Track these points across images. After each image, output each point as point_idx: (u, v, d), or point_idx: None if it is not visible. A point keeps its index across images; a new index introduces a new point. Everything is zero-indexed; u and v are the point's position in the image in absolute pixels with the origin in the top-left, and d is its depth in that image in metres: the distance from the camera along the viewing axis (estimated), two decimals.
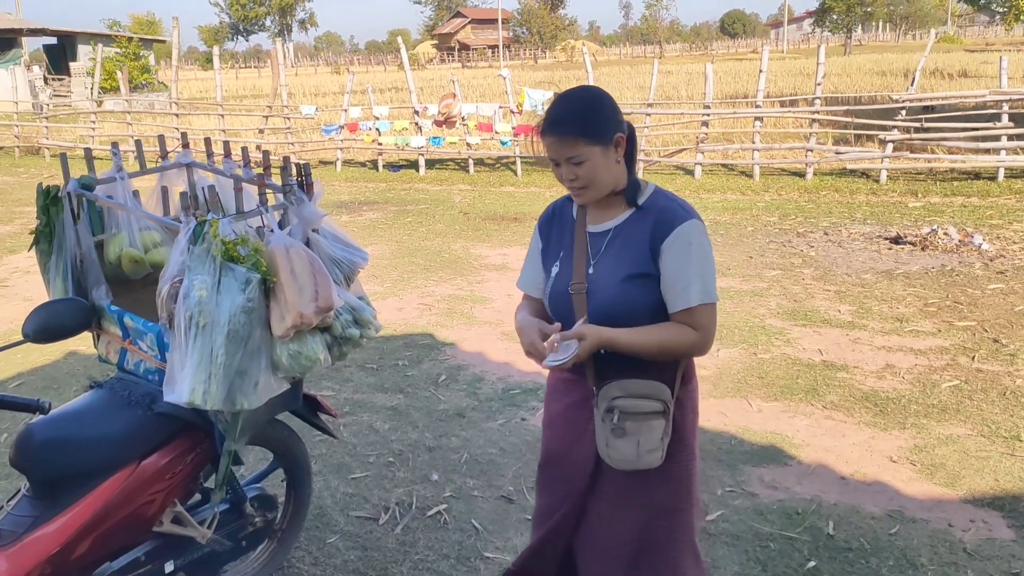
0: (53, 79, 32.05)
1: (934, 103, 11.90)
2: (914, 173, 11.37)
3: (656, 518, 2.20)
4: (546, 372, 2.44)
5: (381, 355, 5.45)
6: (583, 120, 2.02)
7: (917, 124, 11.11)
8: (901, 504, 3.53)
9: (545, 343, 2.06)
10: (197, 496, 2.80)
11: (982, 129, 10.85)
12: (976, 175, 10.96)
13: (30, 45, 36.06)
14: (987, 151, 10.79)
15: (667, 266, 2.06)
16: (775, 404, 4.57)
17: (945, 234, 7.94)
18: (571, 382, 2.25)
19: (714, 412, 4.48)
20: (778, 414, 4.45)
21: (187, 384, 2.28)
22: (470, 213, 10.56)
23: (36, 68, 32.80)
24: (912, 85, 11.37)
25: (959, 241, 7.76)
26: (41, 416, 2.38)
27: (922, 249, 7.69)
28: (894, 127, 11.24)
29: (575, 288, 2.13)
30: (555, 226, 2.29)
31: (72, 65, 32.03)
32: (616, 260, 2.11)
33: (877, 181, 11.15)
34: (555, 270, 2.22)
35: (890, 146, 11.21)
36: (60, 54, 35.78)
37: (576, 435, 2.24)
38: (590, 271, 2.14)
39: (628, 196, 2.13)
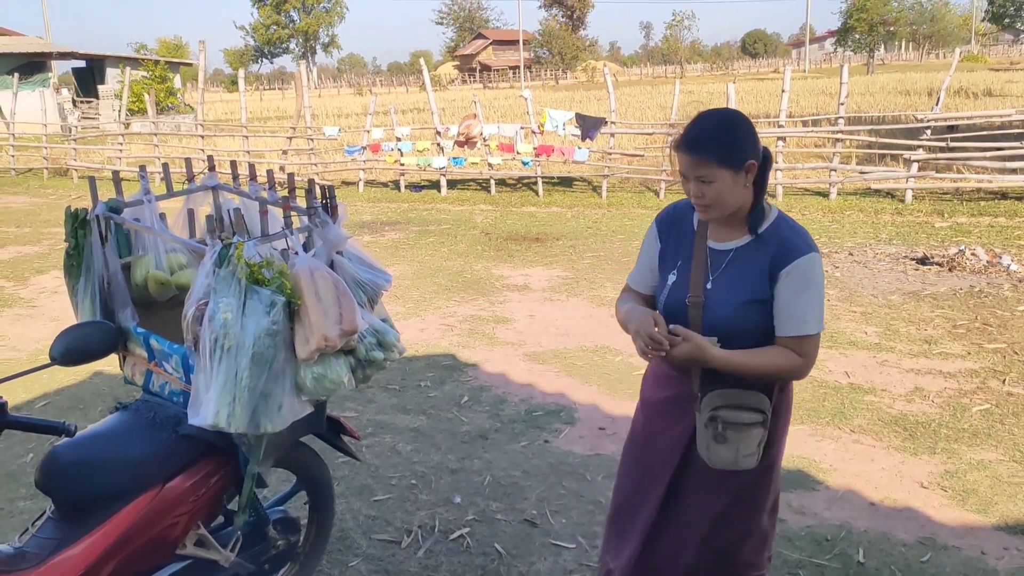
0: (81, 101, 32.58)
1: (959, 123, 11.80)
2: (940, 193, 11.26)
3: (735, 500, 2.32)
4: (571, 393, 2.44)
5: (403, 376, 5.45)
6: (718, 143, 2.09)
7: (942, 144, 11.02)
8: (933, 531, 3.46)
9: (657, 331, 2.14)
10: (220, 518, 2.80)
11: (1008, 149, 10.74)
12: (1003, 195, 10.83)
13: (59, 68, 36.75)
14: (1014, 171, 10.67)
15: (781, 293, 2.15)
16: (802, 428, 4.51)
17: (973, 254, 7.84)
18: (675, 378, 2.34)
19: None
20: (805, 438, 4.39)
21: (212, 407, 2.28)
22: (492, 233, 10.58)
23: (65, 91, 33.36)
24: (937, 104, 11.29)
25: (987, 262, 7.66)
26: (67, 438, 2.39)
27: (949, 270, 7.60)
28: (919, 147, 11.15)
29: (692, 301, 2.21)
30: (674, 231, 2.35)
31: (100, 88, 32.55)
32: (734, 282, 2.19)
33: (902, 201, 11.05)
34: (672, 278, 2.30)
35: (915, 166, 11.11)
36: (88, 77, 36.40)
37: (668, 426, 2.36)
38: (708, 286, 2.22)
39: (751, 222, 2.20)
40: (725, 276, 2.21)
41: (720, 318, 2.18)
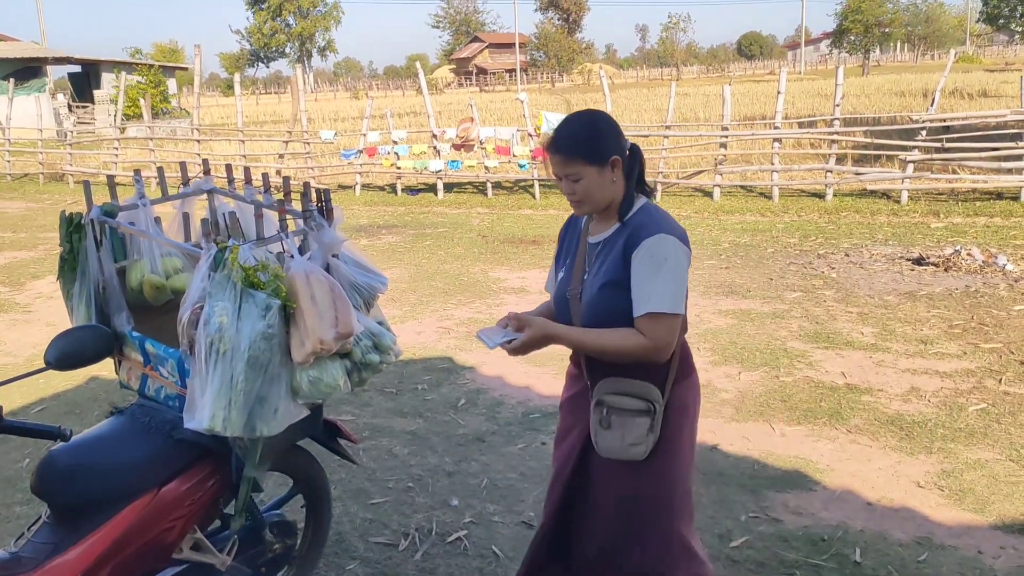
0: (77, 106, 32.54)
1: (954, 123, 11.82)
2: (935, 193, 11.29)
3: (637, 505, 2.35)
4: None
5: (400, 379, 5.44)
6: (581, 142, 2.23)
7: (938, 144, 11.04)
8: (929, 530, 3.46)
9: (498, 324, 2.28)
10: (217, 522, 2.79)
11: (1004, 149, 10.76)
12: (998, 195, 10.86)
13: (55, 73, 36.71)
14: (1009, 171, 10.70)
15: (632, 276, 2.22)
16: (799, 428, 4.51)
17: (968, 255, 7.85)
18: (575, 376, 2.51)
19: (737, 436, 4.43)
20: (802, 438, 4.39)
21: (207, 410, 2.27)
22: (488, 236, 10.58)
23: (60, 96, 33.33)
24: (932, 105, 11.31)
25: (983, 262, 7.68)
26: (62, 443, 2.38)
27: (945, 270, 7.61)
28: (915, 147, 11.17)
29: (571, 293, 2.37)
30: (569, 233, 2.53)
31: (96, 93, 32.55)
32: (600, 268, 2.31)
33: (898, 202, 11.07)
34: (560, 275, 2.47)
35: (911, 166, 11.13)
36: (84, 82, 36.35)
37: (574, 423, 2.49)
38: (585, 278, 2.35)
39: (619, 212, 2.31)
40: (595, 265, 2.33)
41: (586, 304, 2.30)
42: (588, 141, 2.23)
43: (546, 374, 5.46)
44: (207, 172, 3.07)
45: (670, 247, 2.20)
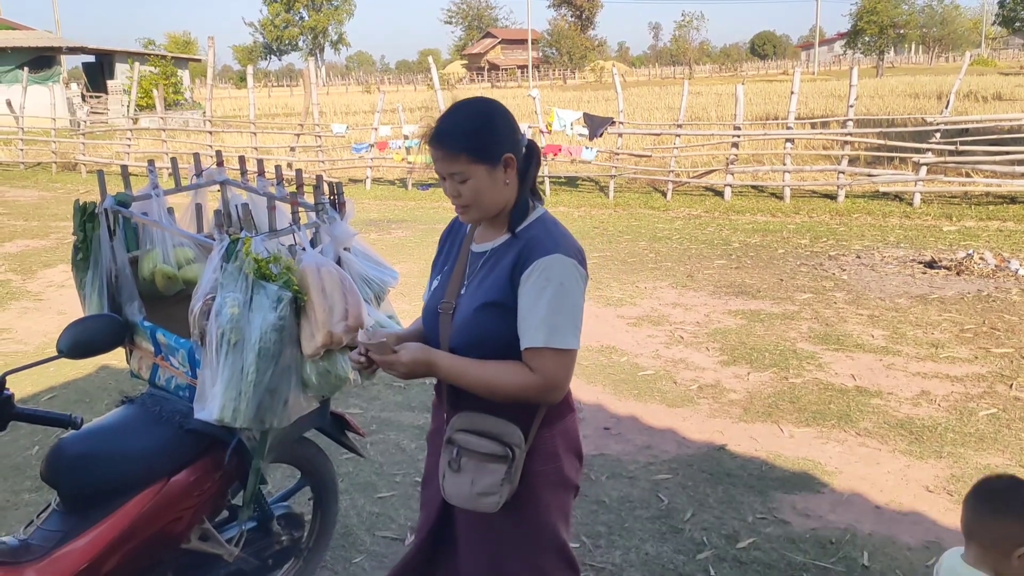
0: (91, 96, 32.66)
1: (969, 126, 11.76)
2: (948, 196, 11.22)
3: (506, 550, 2.06)
4: (576, 392, 2.44)
5: None
6: (470, 137, 1.90)
7: (951, 147, 10.98)
8: (938, 535, 3.45)
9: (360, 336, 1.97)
10: (225, 513, 2.80)
11: (1017, 153, 10.69)
12: (1012, 199, 10.79)
13: (69, 63, 36.88)
14: (1023, 175, 10.62)
15: (521, 300, 1.91)
16: (807, 430, 4.50)
17: (981, 259, 7.81)
18: (438, 406, 2.18)
19: (744, 437, 4.42)
20: (810, 440, 4.37)
21: (218, 401, 2.28)
22: None
23: (74, 85, 33.46)
24: (947, 108, 11.24)
25: (995, 266, 7.63)
26: (73, 431, 2.39)
27: (957, 274, 7.57)
28: (928, 150, 11.11)
29: (443, 308, 2.03)
30: (452, 235, 2.20)
31: (109, 83, 32.64)
32: (479, 285, 1.99)
33: (910, 204, 11.01)
34: (434, 284, 2.13)
35: (924, 169, 11.07)
36: (98, 72, 36.49)
37: (436, 461, 2.13)
38: (462, 292, 2.03)
39: (511, 221, 2.00)
40: (476, 280, 2.01)
41: (458, 323, 1.98)
42: (477, 135, 1.90)
43: None
44: (220, 163, 3.07)
45: (567, 271, 1.90)
